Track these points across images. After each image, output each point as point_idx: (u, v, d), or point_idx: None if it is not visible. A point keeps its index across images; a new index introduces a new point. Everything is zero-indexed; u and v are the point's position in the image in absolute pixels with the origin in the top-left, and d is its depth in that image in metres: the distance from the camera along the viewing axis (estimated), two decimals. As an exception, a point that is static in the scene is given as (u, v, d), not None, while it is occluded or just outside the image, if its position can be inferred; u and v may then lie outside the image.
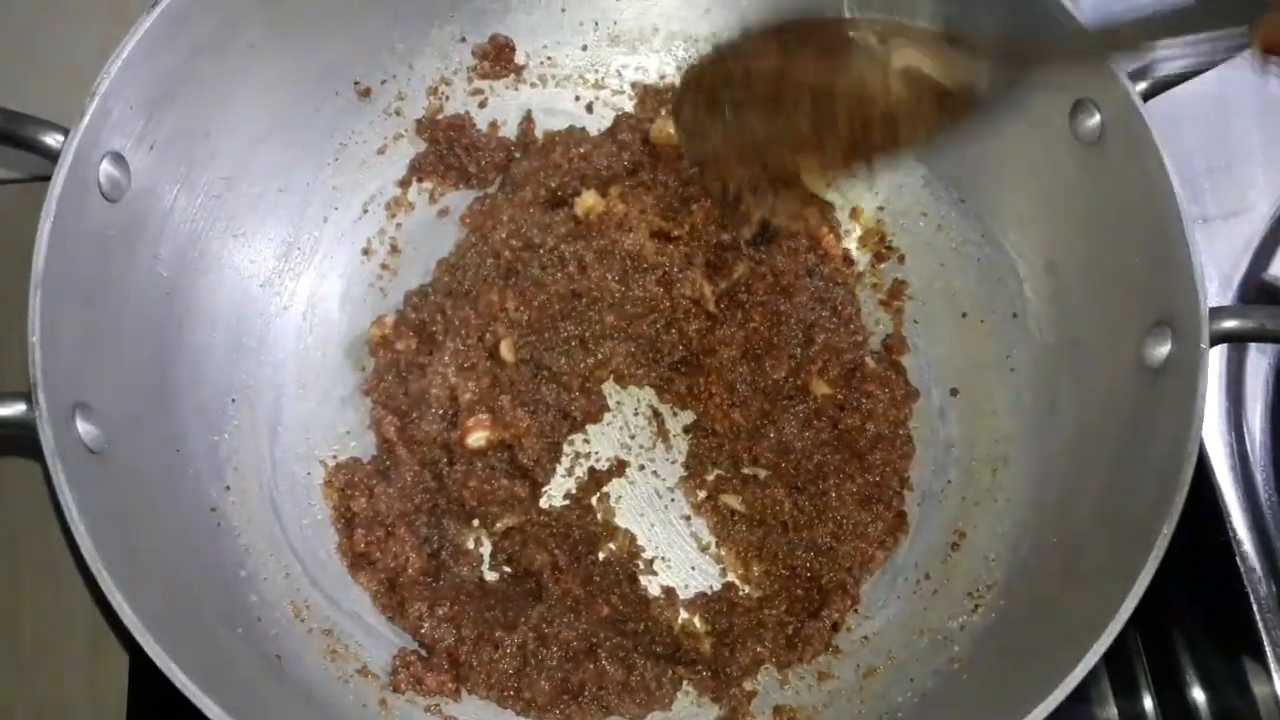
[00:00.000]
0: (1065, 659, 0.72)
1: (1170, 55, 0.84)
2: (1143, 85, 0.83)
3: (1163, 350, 0.80)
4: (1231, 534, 0.88)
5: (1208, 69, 0.83)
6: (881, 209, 1.03)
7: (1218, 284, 0.96)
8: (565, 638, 0.86)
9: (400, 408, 0.93)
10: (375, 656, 0.87)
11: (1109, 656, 0.87)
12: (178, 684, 0.67)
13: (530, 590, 0.90)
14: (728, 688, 0.87)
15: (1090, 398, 0.89)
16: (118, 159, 0.81)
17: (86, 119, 0.78)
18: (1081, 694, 0.87)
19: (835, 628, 0.90)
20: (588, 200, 0.95)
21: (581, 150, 0.99)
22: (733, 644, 0.88)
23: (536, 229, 0.96)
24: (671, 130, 0.96)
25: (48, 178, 0.77)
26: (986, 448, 0.94)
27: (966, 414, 0.96)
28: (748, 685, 0.88)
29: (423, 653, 0.87)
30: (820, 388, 0.95)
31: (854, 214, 1.03)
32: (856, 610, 0.91)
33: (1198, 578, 0.89)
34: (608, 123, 1.04)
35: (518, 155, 1.03)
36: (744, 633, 0.89)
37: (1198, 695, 0.89)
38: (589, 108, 1.06)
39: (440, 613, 0.86)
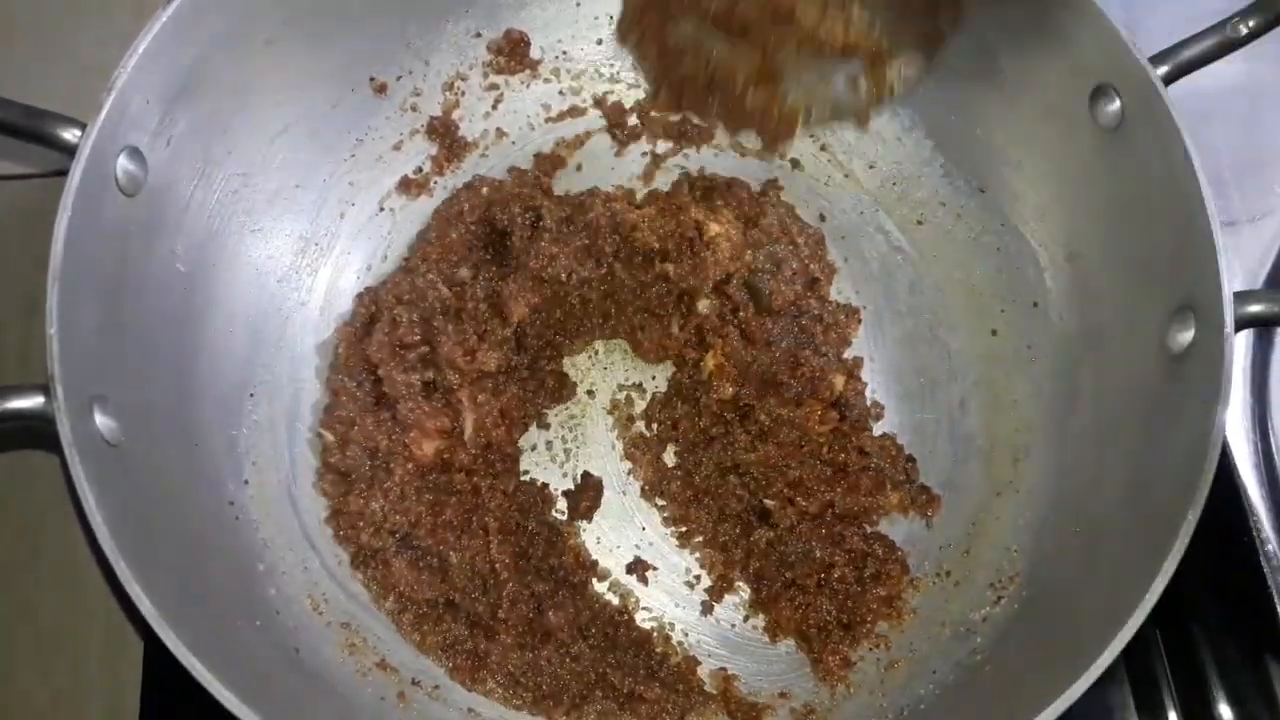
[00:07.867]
0: (1089, 649, 0.71)
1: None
2: (1164, 69, 0.82)
3: (1186, 336, 0.79)
4: (1256, 533, 0.86)
5: (1231, 48, 0.81)
6: (900, 199, 1.03)
7: (1242, 279, 0.95)
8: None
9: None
10: (393, 650, 0.86)
11: (1133, 670, 0.87)
12: (197, 675, 0.67)
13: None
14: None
15: (1113, 386, 0.88)
16: (135, 154, 0.81)
17: (103, 114, 0.78)
18: (1105, 709, 0.87)
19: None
20: None
21: None
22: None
23: None
24: None
25: (67, 173, 0.77)
26: (1008, 438, 0.94)
27: (987, 405, 0.95)
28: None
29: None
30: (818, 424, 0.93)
31: (874, 206, 1.03)
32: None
33: (1221, 581, 0.88)
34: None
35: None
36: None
37: (1224, 711, 0.87)
38: (601, 102, 1.06)
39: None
